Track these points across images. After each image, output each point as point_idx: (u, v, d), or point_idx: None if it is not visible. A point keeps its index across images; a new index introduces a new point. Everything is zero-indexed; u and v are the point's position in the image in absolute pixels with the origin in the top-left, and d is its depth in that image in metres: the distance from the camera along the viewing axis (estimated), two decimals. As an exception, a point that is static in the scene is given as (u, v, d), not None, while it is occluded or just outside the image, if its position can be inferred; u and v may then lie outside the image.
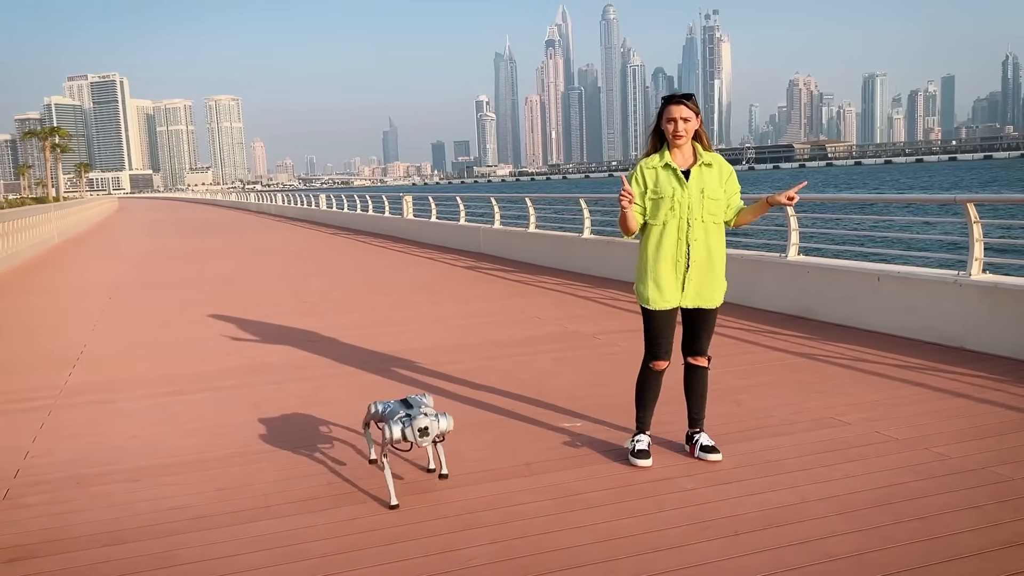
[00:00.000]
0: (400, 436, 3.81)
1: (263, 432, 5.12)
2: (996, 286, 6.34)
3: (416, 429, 3.81)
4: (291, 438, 4.98)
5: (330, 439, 4.93)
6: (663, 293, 4.18)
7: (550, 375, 6.28)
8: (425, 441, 3.85)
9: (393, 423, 3.84)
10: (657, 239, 4.17)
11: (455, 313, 9.49)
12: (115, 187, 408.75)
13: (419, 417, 3.84)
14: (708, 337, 4.36)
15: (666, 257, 4.15)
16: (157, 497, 4.10)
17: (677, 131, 4.10)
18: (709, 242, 4.16)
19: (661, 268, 4.16)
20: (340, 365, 6.93)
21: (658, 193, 4.14)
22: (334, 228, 28.08)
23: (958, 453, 4.23)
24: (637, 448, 4.30)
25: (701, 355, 4.37)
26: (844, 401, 5.25)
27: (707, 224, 4.13)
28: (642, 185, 4.20)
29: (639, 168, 4.24)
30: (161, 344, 8.25)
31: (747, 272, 8.90)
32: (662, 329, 4.26)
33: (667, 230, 4.13)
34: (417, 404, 3.99)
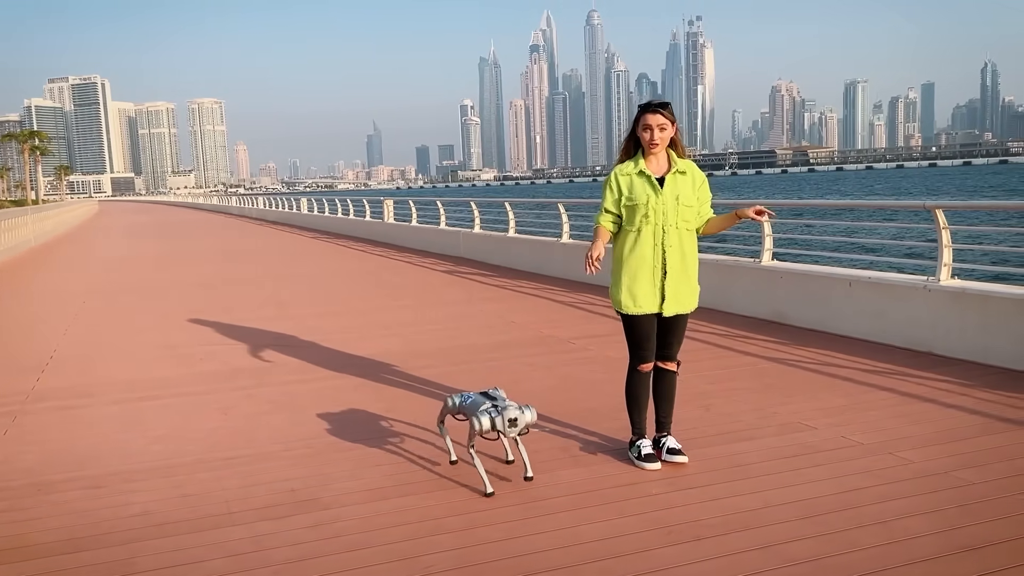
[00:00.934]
0: (490, 426, 3.86)
1: (229, 438, 5.08)
2: (964, 291, 6.40)
3: (506, 419, 3.86)
4: (257, 444, 4.94)
5: (297, 445, 4.89)
6: (637, 299, 4.20)
7: (522, 379, 6.28)
8: (513, 431, 3.89)
9: (481, 414, 3.89)
10: (632, 245, 4.20)
11: (431, 317, 9.47)
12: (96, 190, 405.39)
13: (509, 408, 3.89)
14: (679, 342, 4.40)
15: (643, 264, 4.18)
16: (119, 504, 4.06)
17: (653, 139, 4.14)
18: (683, 248, 4.20)
19: (638, 275, 4.19)
20: (313, 370, 6.89)
21: (633, 200, 4.17)
22: (315, 232, 27.96)
23: (921, 458, 4.26)
24: (644, 453, 4.31)
25: (671, 360, 4.41)
26: (812, 406, 5.28)
27: (681, 231, 4.18)
28: (617, 192, 4.23)
29: (614, 175, 4.27)
30: (132, 349, 8.17)
31: (721, 277, 8.94)
32: (645, 332, 4.27)
33: (642, 237, 4.16)
34: (498, 396, 4.04)
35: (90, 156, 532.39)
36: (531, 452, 4.42)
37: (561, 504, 3.84)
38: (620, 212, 4.23)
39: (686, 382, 5.94)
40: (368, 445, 4.84)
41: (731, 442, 4.65)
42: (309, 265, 16.86)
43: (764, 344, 7.20)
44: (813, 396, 5.52)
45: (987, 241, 13.28)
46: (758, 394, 5.62)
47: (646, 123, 4.15)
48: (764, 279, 8.40)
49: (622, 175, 4.23)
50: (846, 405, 5.28)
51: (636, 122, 4.23)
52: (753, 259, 8.67)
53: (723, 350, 7.09)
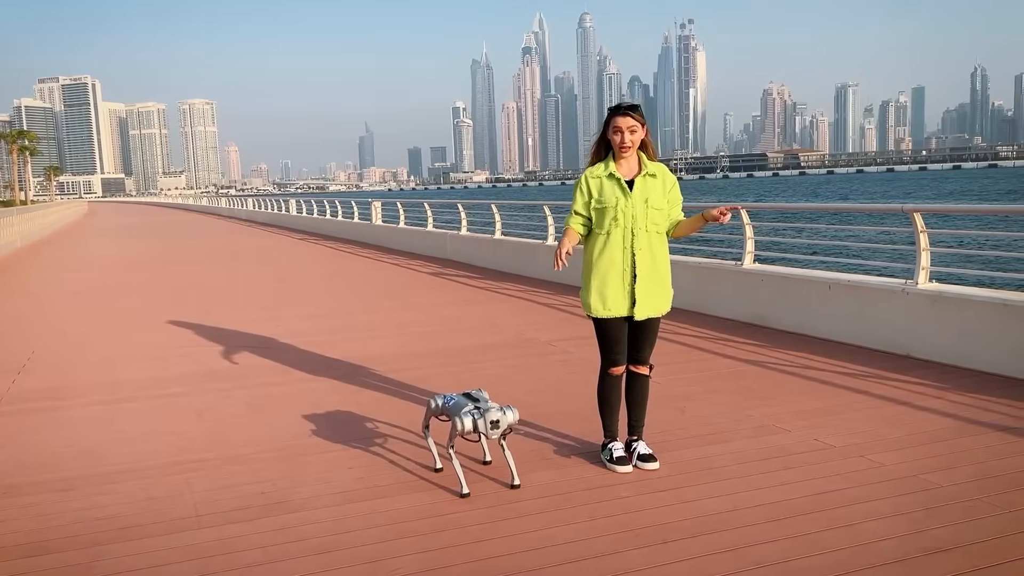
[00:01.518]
0: (472, 428, 3.88)
1: (203, 440, 5.05)
2: (941, 295, 6.42)
3: (488, 421, 3.87)
4: (230, 446, 4.91)
5: (270, 447, 4.87)
6: (606, 302, 4.18)
7: (501, 382, 6.26)
8: (495, 433, 3.89)
9: (463, 415, 3.90)
10: (601, 248, 4.18)
11: (414, 320, 9.45)
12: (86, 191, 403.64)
13: (491, 410, 3.90)
14: (651, 346, 4.37)
15: (612, 267, 4.16)
16: (86, 507, 4.02)
17: (623, 142, 4.12)
18: (653, 251, 4.18)
19: (607, 278, 4.17)
20: (292, 372, 6.86)
21: (602, 203, 4.15)
22: (303, 233, 27.90)
23: (893, 460, 4.27)
24: (616, 456, 4.30)
25: (643, 364, 4.38)
26: (787, 408, 5.29)
27: (651, 234, 4.16)
28: (587, 194, 4.22)
29: (584, 177, 4.26)
30: (113, 350, 8.12)
31: (703, 280, 8.96)
32: (614, 335, 4.26)
33: (611, 239, 4.15)
34: (481, 398, 4.05)
35: (80, 157, 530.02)
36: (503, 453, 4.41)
37: (531, 507, 3.83)
38: (590, 215, 4.23)
39: (663, 384, 5.96)
40: (343, 447, 4.82)
41: (704, 445, 4.65)
42: (295, 267, 16.81)
43: (744, 347, 7.21)
44: (789, 399, 5.53)
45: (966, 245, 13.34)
46: (735, 396, 5.62)
47: (616, 126, 4.13)
48: (746, 282, 8.41)
49: (592, 178, 4.22)
50: (821, 408, 5.29)
51: (606, 125, 4.21)
52: (735, 262, 8.68)
53: (702, 352, 7.09)
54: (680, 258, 9.72)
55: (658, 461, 4.31)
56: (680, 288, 9.29)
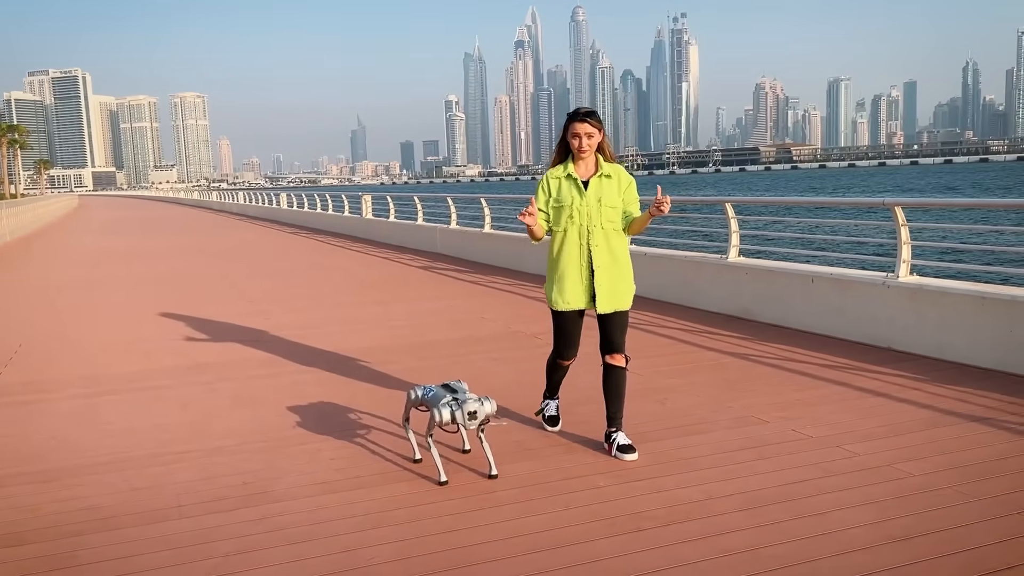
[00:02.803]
0: (450, 419, 3.96)
1: (185, 432, 5.08)
2: (921, 288, 6.48)
3: (466, 412, 3.96)
4: (213, 438, 4.94)
5: (253, 439, 4.90)
6: (564, 295, 4.44)
7: (485, 374, 6.31)
8: (473, 424, 3.99)
9: (442, 406, 3.99)
10: (560, 245, 4.45)
11: (402, 313, 9.48)
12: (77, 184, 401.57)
13: (468, 401, 3.99)
14: (622, 335, 4.50)
15: (570, 262, 4.41)
16: (67, 498, 4.05)
17: (581, 146, 4.37)
18: (611, 247, 4.39)
19: (566, 273, 4.42)
20: (277, 365, 6.89)
21: (560, 202, 4.41)
22: (294, 227, 27.87)
23: (867, 451, 4.32)
24: (548, 414, 4.87)
25: (618, 353, 4.49)
26: (766, 400, 5.34)
27: (607, 231, 4.38)
28: (547, 193, 4.48)
29: (545, 178, 4.54)
30: (99, 344, 8.13)
31: (688, 273, 9.01)
32: (568, 329, 4.54)
33: (568, 236, 4.41)
34: (460, 389, 4.14)
35: (71, 150, 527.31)
36: (485, 446, 4.46)
37: (508, 496, 3.88)
38: (549, 212, 4.47)
39: (645, 377, 6.02)
40: (325, 439, 4.85)
41: (682, 435, 4.70)
42: (284, 260, 16.81)
43: (727, 339, 7.27)
44: (769, 391, 5.59)
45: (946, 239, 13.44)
46: (715, 388, 5.67)
47: (575, 131, 4.37)
48: (730, 275, 8.46)
49: (552, 178, 4.48)
50: (800, 400, 5.35)
51: (565, 129, 4.44)
52: (720, 256, 8.73)
53: (686, 345, 7.14)
54: (665, 252, 9.79)
55: (637, 452, 4.38)
56: (665, 281, 9.42)
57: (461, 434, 4.55)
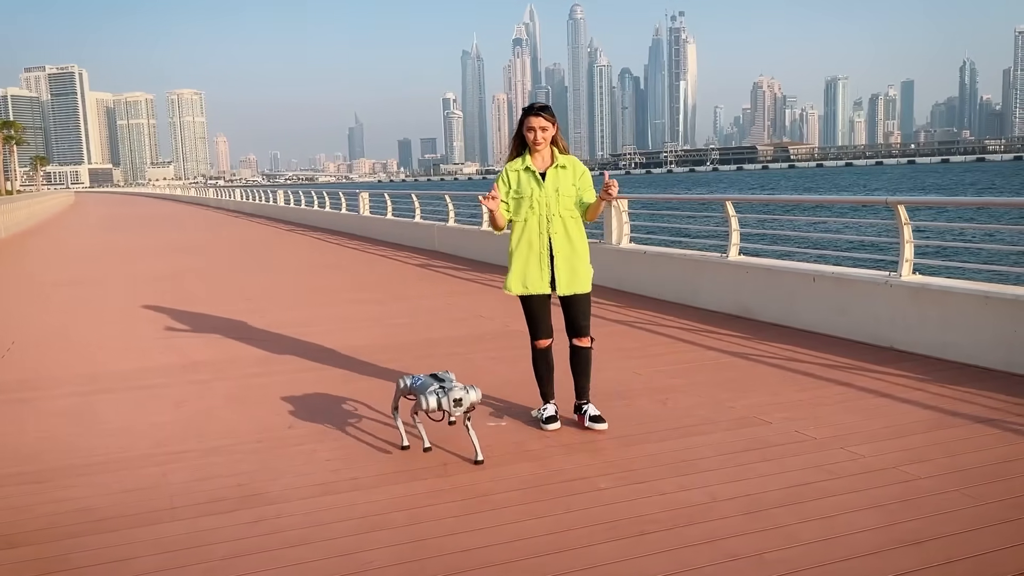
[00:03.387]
0: (436, 406, 4.12)
1: (180, 432, 5.01)
2: (924, 287, 6.43)
3: (452, 399, 4.13)
4: (208, 438, 4.88)
5: (248, 439, 4.83)
6: (524, 281, 4.71)
7: (483, 373, 6.24)
8: (458, 411, 4.15)
9: (428, 394, 4.15)
10: (520, 234, 4.72)
11: (399, 311, 9.41)
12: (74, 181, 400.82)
13: (454, 388, 4.16)
14: (586, 318, 4.81)
15: (531, 250, 4.69)
16: (60, 499, 3.99)
17: (536, 139, 4.64)
18: (569, 234, 4.69)
19: (527, 260, 4.70)
20: (273, 363, 6.82)
21: (520, 193, 4.69)
22: (291, 224, 27.77)
23: (872, 452, 4.26)
24: (546, 416, 4.85)
25: (583, 335, 4.82)
26: (769, 400, 5.28)
27: (565, 219, 4.68)
28: (507, 185, 4.74)
29: (505, 171, 4.80)
30: (93, 341, 8.06)
31: (688, 272, 8.96)
32: (536, 312, 4.79)
33: (528, 226, 4.69)
34: (447, 378, 4.30)
35: (67, 147, 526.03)
36: (485, 447, 4.41)
37: (507, 499, 3.81)
38: (509, 203, 4.72)
39: (646, 376, 5.96)
40: (321, 439, 4.79)
41: (684, 436, 4.64)
42: (281, 258, 16.74)
43: (728, 339, 7.21)
44: (771, 391, 5.53)
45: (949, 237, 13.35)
46: (717, 388, 5.61)
47: (529, 125, 4.62)
48: (731, 274, 8.40)
49: (511, 171, 4.74)
50: (803, 400, 5.29)
51: (521, 124, 4.69)
52: (720, 254, 8.68)
53: (686, 344, 7.08)
54: (664, 250, 9.73)
55: (607, 422, 4.74)
56: (664, 280, 9.36)
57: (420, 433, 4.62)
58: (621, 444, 4.54)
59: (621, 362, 6.46)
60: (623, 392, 5.58)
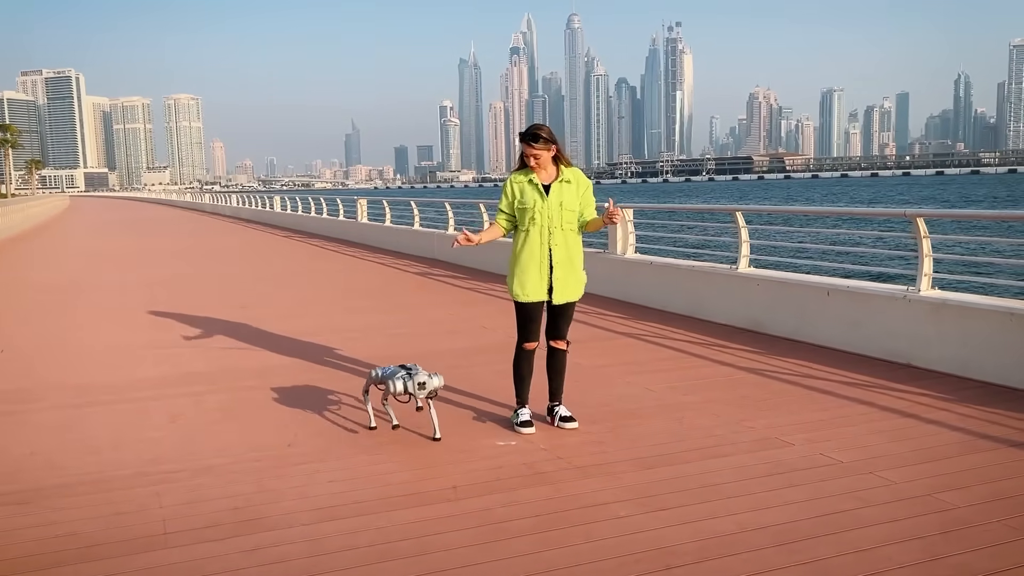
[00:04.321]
0: (403, 389, 4.68)
1: (174, 449, 4.78)
2: (944, 303, 6.22)
3: (416, 383, 4.67)
4: (203, 456, 4.64)
5: (245, 457, 4.60)
6: (525, 288, 4.85)
7: (489, 388, 6.01)
8: (422, 393, 4.69)
9: (396, 379, 4.70)
10: (523, 243, 4.86)
11: (400, 321, 9.18)
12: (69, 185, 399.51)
13: (419, 373, 4.72)
14: (567, 324, 5.02)
15: (531, 259, 4.82)
16: (45, 523, 3.75)
17: (532, 165, 4.83)
18: (568, 246, 4.85)
19: (527, 268, 4.83)
20: (270, 375, 6.58)
21: (523, 204, 4.82)
22: (288, 231, 27.52)
23: (903, 478, 4.05)
24: (521, 420, 4.95)
25: (561, 339, 5.03)
26: (788, 420, 5.07)
27: (565, 232, 4.83)
28: (510, 196, 4.89)
29: (509, 181, 4.93)
30: (84, 350, 7.81)
31: (696, 283, 8.75)
32: (530, 316, 4.93)
33: (531, 236, 4.82)
34: (414, 368, 4.81)
35: (63, 150, 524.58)
36: (494, 468, 4.21)
37: (522, 527, 3.59)
38: (514, 213, 4.89)
39: (658, 392, 5.75)
40: (322, 458, 4.56)
41: (704, 459, 4.42)
42: (278, 265, 16.50)
43: (740, 353, 6.99)
44: (790, 409, 5.31)
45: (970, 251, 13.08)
46: (733, 407, 5.39)
47: (525, 151, 4.82)
48: (741, 286, 8.20)
49: (516, 182, 4.88)
50: (824, 420, 5.08)
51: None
52: (730, 266, 8.47)
53: (697, 359, 6.87)
54: (671, 261, 9.53)
55: (577, 422, 4.95)
56: (671, 292, 9.15)
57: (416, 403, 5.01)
58: (638, 467, 4.31)
59: (631, 377, 6.25)
60: (636, 410, 5.36)
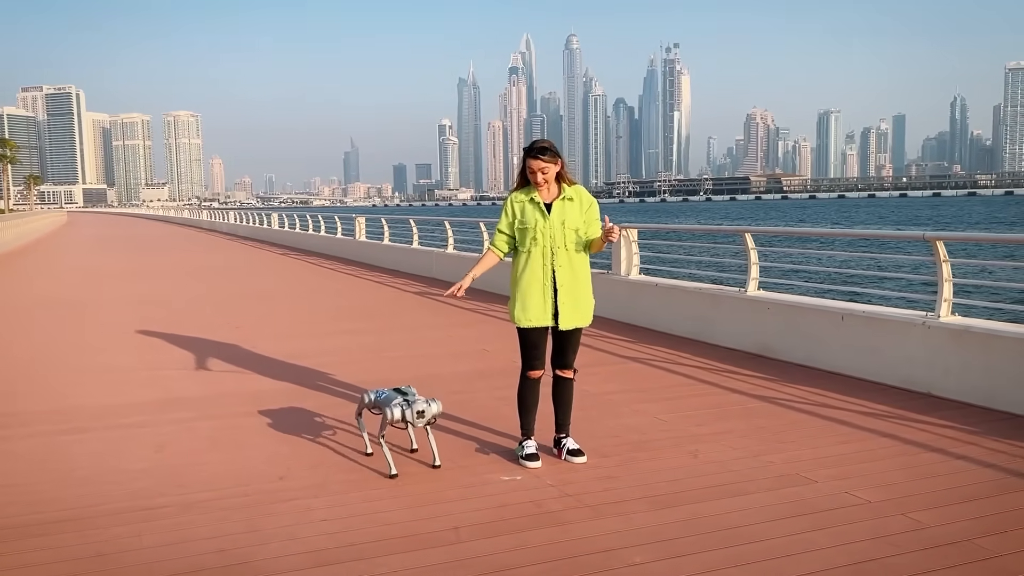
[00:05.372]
0: (400, 417, 4.40)
1: (159, 482, 4.50)
2: (967, 330, 5.98)
3: (415, 411, 4.41)
4: (189, 489, 4.36)
5: (233, 492, 4.32)
6: (527, 313, 4.59)
7: (491, 416, 5.75)
8: (421, 421, 4.43)
9: (393, 406, 4.42)
10: (524, 265, 4.62)
11: (399, 343, 8.92)
12: (67, 201, 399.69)
13: (417, 401, 4.45)
14: (574, 352, 4.76)
15: (534, 282, 4.58)
16: (16, 565, 3.47)
17: (537, 180, 4.59)
18: (573, 267, 4.62)
19: (529, 291, 4.59)
20: (262, 400, 6.30)
21: (524, 224, 4.61)
22: (285, 248, 27.28)
23: (936, 520, 3.78)
24: (527, 452, 4.68)
25: (567, 368, 4.77)
26: (809, 454, 4.80)
27: (569, 252, 4.61)
28: (511, 215, 4.68)
29: (510, 201, 4.72)
30: (70, 372, 7.54)
31: (704, 307, 8.51)
32: (533, 343, 4.68)
33: (532, 257, 4.59)
34: (409, 392, 4.57)
35: (62, 166, 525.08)
36: (499, 506, 3.94)
37: (533, 573, 3.31)
38: (514, 234, 4.68)
39: (670, 422, 5.49)
40: (316, 494, 4.28)
41: (722, 497, 4.15)
42: (274, 283, 16.23)
43: (752, 380, 6.74)
44: (809, 442, 5.05)
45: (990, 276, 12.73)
46: (749, 439, 5.13)
47: (530, 167, 4.56)
48: (750, 310, 7.95)
49: (516, 201, 4.66)
50: (846, 454, 4.81)
51: (523, 162, 4.60)
52: (739, 288, 8.23)
53: (709, 386, 6.61)
54: (678, 283, 9.29)
55: (586, 456, 4.68)
56: (678, 315, 8.89)
57: (409, 434, 4.89)
58: (652, 505, 4.04)
59: (640, 405, 5.99)
60: (646, 442, 5.10)
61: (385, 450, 4.53)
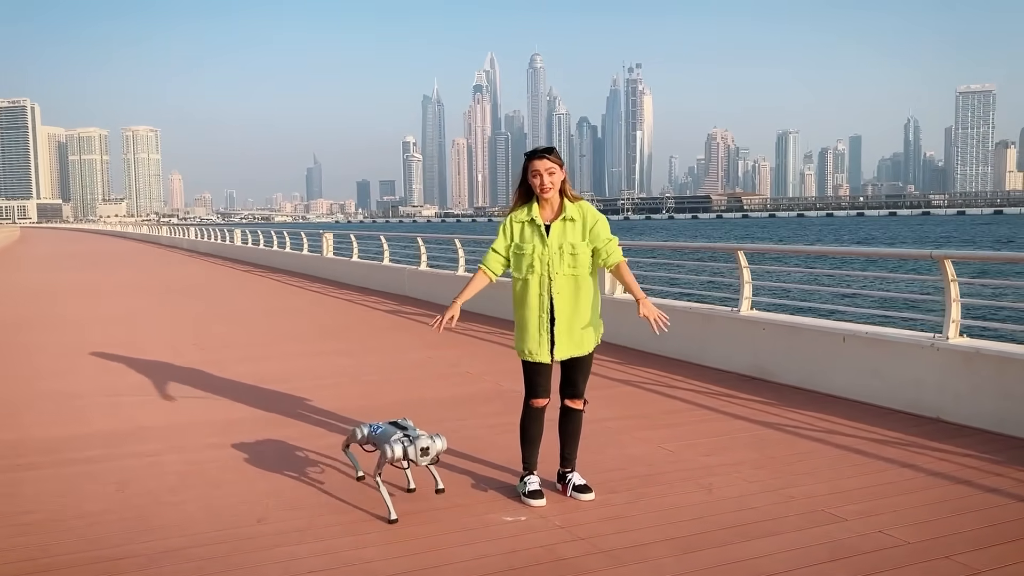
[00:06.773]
0: (402, 455, 3.96)
1: (120, 527, 4.02)
2: (977, 352, 5.73)
3: (419, 448, 3.96)
4: (154, 535, 3.89)
5: (204, 539, 3.86)
6: (527, 346, 4.30)
7: (484, 446, 5.35)
8: (425, 460, 3.99)
9: (394, 443, 3.98)
10: (520, 295, 4.32)
11: (374, 366, 8.47)
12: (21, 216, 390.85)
13: (421, 437, 4.00)
14: (584, 380, 4.42)
15: (531, 314, 4.27)
16: (-47, 633, 2.99)
17: (544, 185, 4.19)
18: (574, 294, 4.26)
19: (527, 325, 4.29)
20: (234, 431, 5.82)
21: (521, 249, 4.29)
22: (249, 265, 26.57)
23: (986, 564, 3.47)
24: (529, 490, 4.32)
25: (577, 398, 4.42)
26: (829, 487, 4.48)
27: (569, 277, 4.25)
28: (509, 237, 4.35)
29: (509, 220, 4.37)
30: (20, 399, 6.98)
31: (696, 327, 8.20)
32: (536, 372, 4.34)
33: (529, 287, 4.27)
34: (408, 425, 4.16)
35: (15, 181, 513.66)
36: (506, 553, 3.55)
37: (553, 637, 2.92)
38: (509, 256, 4.36)
39: (676, 451, 5.16)
40: (300, 540, 3.84)
41: (749, 538, 3.80)
42: (238, 301, 15.64)
43: (752, 404, 6.42)
44: (826, 475, 4.72)
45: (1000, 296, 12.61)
46: (763, 470, 4.80)
47: (535, 169, 4.19)
48: (744, 330, 7.66)
49: (516, 221, 4.33)
50: (869, 487, 4.50)
51: (525, 170, 4.26)
52: (731, 308, 7.95)
53: (707, 411, 6.28)
54: (667, 302, 8.98)
55: (593, 492, 4.32)
56: (668, 335, 8.51)
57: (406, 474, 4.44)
58: (674, 549, 3.67)
59: (642, 433, 5.64)
60: (655, 475, 4.74)
61: (383, 492, 4.07)
